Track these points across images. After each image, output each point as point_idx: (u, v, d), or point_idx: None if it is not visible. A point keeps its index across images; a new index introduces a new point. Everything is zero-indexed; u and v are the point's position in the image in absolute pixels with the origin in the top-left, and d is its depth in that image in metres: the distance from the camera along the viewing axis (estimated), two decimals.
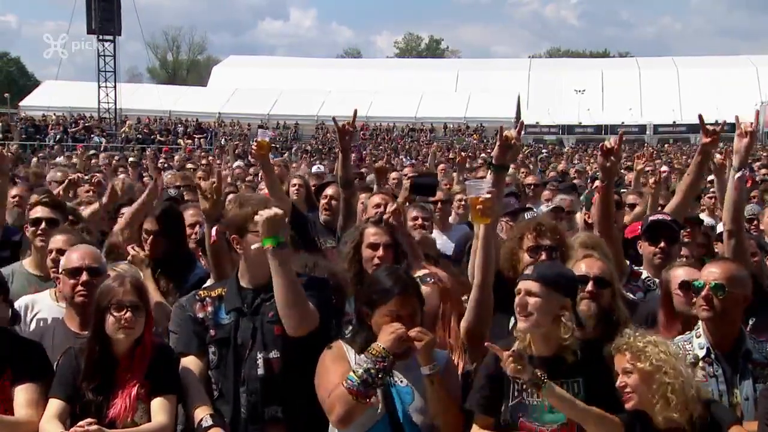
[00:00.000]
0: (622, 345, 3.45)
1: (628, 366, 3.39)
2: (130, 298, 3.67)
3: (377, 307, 3.57)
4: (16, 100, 58.70)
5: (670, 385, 3.33)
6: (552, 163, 22.60)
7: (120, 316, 3.63)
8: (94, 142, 39.27)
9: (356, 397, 3.38)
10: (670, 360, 3.38)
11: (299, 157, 30.67)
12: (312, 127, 56.69)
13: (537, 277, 3.51)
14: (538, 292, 3.48)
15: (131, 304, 3.66)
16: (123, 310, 3.63)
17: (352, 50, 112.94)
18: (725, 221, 4.91)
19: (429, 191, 7.66)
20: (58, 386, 3.69)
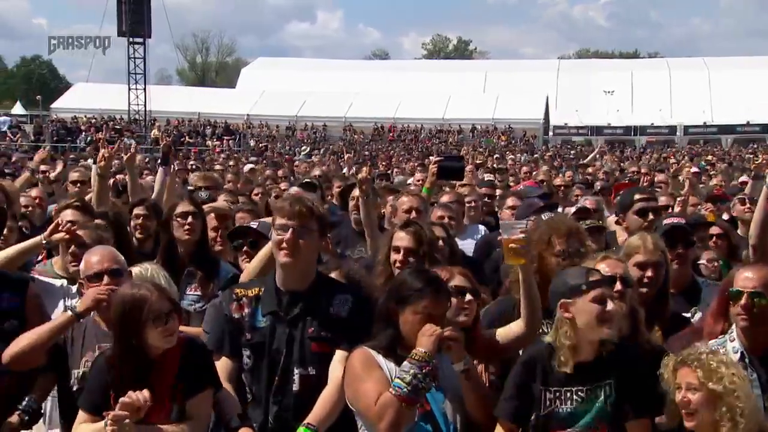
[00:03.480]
0: (692, 360, 3.37)
1: (695, 383, 3.32)
2: (166, 306, 3.62)
3: (407, 305, 3.52)
4: (48, 103, 59.31)
5: (740, 409, 3.27)
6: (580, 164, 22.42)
7: (163, 327, 3.58)
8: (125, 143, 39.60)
9: (406, 403, 3.35)
10: (742, 384, 3.32)
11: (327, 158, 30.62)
12: (340, 129, 56.76)
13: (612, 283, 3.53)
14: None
15: (168, 311, 3.61)
16: (164, 320, 3.58)
17: (379, 52, 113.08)
18: (752, 235, 4.87)
19: (456, 175, 7.56)
20: (88, 398, 3.68)
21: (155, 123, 48.66)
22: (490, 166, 17.86)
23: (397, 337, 3.53)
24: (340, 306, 3.87)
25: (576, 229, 4.37)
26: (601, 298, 3.48)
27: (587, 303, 3.49)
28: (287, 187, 9.73)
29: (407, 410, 3.36)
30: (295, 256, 3.80)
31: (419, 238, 4.65)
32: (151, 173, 12.87)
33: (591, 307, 3.48)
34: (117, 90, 52.34)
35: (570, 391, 3.51)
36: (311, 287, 3.89)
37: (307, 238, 3.82)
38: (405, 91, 62.48)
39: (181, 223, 5.32)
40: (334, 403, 3.69)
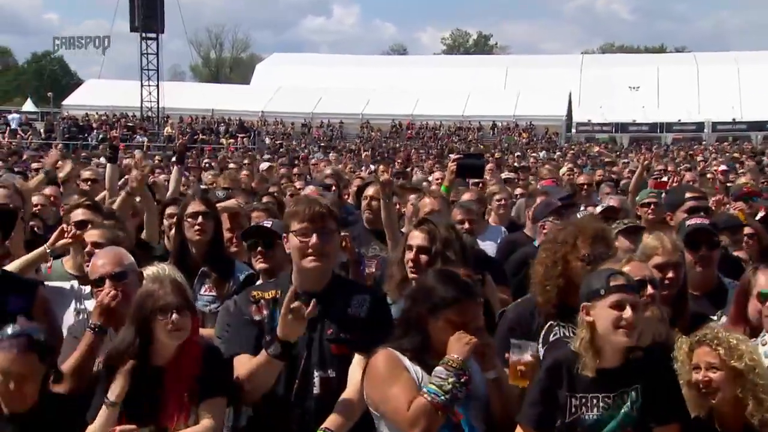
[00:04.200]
0: (710, 339, 3.38)
1: (715, 362, 3.34)
2: (174, 299, 3.62)
3: (440, 313, 3.50)
4: (59, 100, 59.74)
5: (762, 386, 3.32)
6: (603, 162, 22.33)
7: (167, 319, 3.58)
8: (137, 141, 39.84)
9: (442, 411, 3.34)
10: (761, 362, 3.38)
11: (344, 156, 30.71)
12: (357, 126, 56.82)
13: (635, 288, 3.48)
14: (638, 305, 3.46)
15: (177, 305, 3.61)
16: (169, 313, 3.59)
17: (397, 47, 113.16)
18: None
19: (476, 173, 7.57)
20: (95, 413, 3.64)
21: (168, 120, 48.91)
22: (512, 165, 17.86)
23: (425, 343, 3.52)
24: (359, 306, 3.86)
25: (602, 232, 4.33)
26: (619, 304, 3.44)
27: (605, 308, 3.47)
28: (302, 186, 9.75)
29: (441, 418, 3.36)
30: (323, 260, 3.80)
31: (432, 236, 4.65)
32: (163, 171, 12.94)
33: (608, 313, 3.45)
34: (129, 86, 52.70)
35: (596, 398, 3.49)
36: (328, 288, 3.88)
37: (330, 239, 3.82)
38: (423, 87, 62.44)
39: (192, 223, 5.33)
40: (353, 408, 3.69)
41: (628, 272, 3.88)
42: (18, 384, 3.52)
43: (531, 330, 4.25)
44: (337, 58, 77.81)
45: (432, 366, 3.46)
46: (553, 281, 4.15)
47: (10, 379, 3.51)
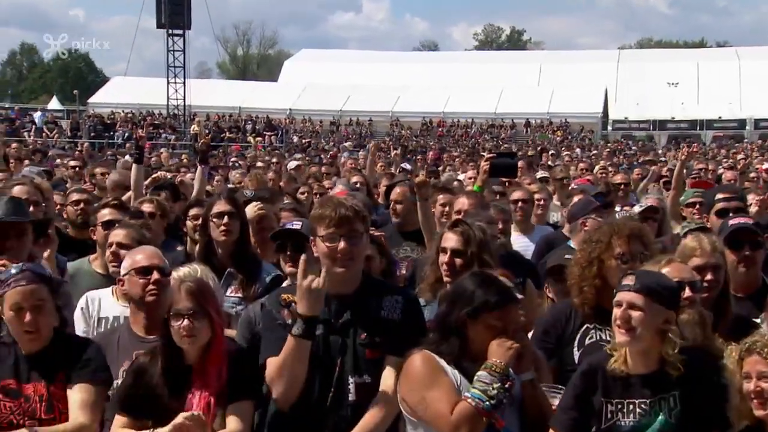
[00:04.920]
0: (761, 347, 3.32)
1: (766, 370, 3.29)
2: (187, 305, 3.70)
3: (480, 317, 3.50)
4: (85, 97, 60.37)
5: None
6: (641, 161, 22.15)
7: (178, 325, 3.68)
8: (163, 139, 40.15)
9: (486, 417, 3.35)
10: None
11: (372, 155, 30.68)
12: (386, 124, 56.83)
13: (640, 289, 3.39)
14: (641, 305, 3.37)
15: (188, 311, 3.68)
16: (180, 319, 3.68)
17: (427, 43, 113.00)
18: None
19: (509, 172, 7.55)
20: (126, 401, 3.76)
21: (195, 118, 49.20)
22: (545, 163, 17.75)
23: (465, 348, 3.52)
24: (391, 309, 3.86)
25: (639, 231, 4.30)
26: (618, 302, 3.42)
27: (614, 308, 3.46)
28: (331, 185, 9.78)
29: (484, 424, 3.36)
30: (351, 264, 3.80)
31: (467, 238, 4.63)
32: (189, 171, 13.03)
33: (614, 312, 3.45)
34: (155, 84, 53.05)
35: (632, 403, 3.47)
36: (359, 290, 3.88)
37: (358, 242, 3.81)
38: (455, 84, 62.34)
39: (217, 223, 5.34)
40: (385, 414, 3.69)
41: (667, 273, 3.86)
42: (33, 315, 3.74)
43: (566, 333, 4.24)
44: (367, 55, 77.93)
45: (470, 370, 3.46)
46: (590, 282, 4.14)
47: (24, 312, 3.73)
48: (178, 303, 3.71)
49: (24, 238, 4.64)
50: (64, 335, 4.01)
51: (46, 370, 3.81)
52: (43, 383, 3.79)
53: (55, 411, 3.76)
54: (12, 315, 3.77)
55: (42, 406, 3.76)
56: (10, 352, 3.87)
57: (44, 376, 3.80)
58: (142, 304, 4.29)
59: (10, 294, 3.78)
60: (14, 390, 3.78)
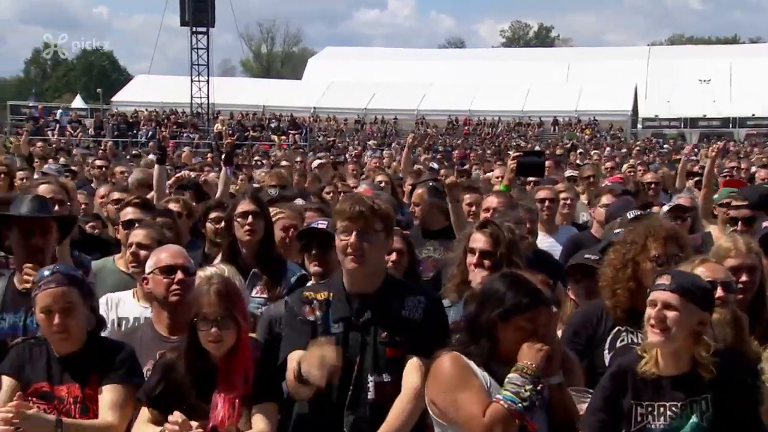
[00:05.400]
0: None
1: None
2: (216, 311, 3.70)
3: (511, 319, 3.50)
4: (108, 96, 60.83)
5: None
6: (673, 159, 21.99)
7: (206, 331, 3.69)
8: (186, 138, 40.38)
9: (518, 419, 3.35)
10: None
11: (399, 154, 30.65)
12: (412, 122, 56.78)
13: (676, 289, 3.37)
14: (677, 305, 3.36)
15: (216, 317, 3.69)
16: (209, 325, 3.68)
17: (454, 40, 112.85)
18: None
19: (537, 171, 7.53)
20: (152, 397, 3.78)
21: (218, 116, 49.42)
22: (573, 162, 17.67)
23: (495, 350, 3.52)
24: (413, 309, 3.88)
25: (675, 233, 4.27)
26: (653, 302, 3.41)
27: (647, 307, 3.45)
28: (356, 185, 9.80)
29: (516, 427, 3.36)
30: (362, 260, 3.82)
31: (496, 239, 4.61)
32: (212, 170, 13.08)
33: (646, 312, 3.43)
34: (179, 82, 53.40)
35: (663, 406, 3.45)
36: (381, 290, 3.91)
37: (372, 239, 3.82)
38: (481, 81, 62.19)
39: (242, 223, 5.36)
40: (409, 414, 3.71)
41: (701, 273, 3.85)
42: (62, 318, 3.79)
43: (596, 335, 4.23)
44: (392, 52, 77.88)
45: (499, 373, 3.46)
46: (623, 284, 4.12)
47: (53, 314, 3.79)
48: (207, 307, 3.70)
49: (48, 236, 4.66)
50: (98, 337, 4.06)
51: (79, 372, 3.86)
52: (78, 385, 3.84)
53: (89, 413, 3.81)
54: (43, 317, 3.83)
55: (76, 407, 3.81)
56: (42, 353, 3.93)
57: (78, 377, 3.85)
58: (166, 304, 4.31)
59: (40, 296, 3.84)
60: (48, 393, 3.84)
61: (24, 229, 4.60)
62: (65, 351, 3.89)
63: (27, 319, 4.47)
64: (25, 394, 3.82)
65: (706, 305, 3.45)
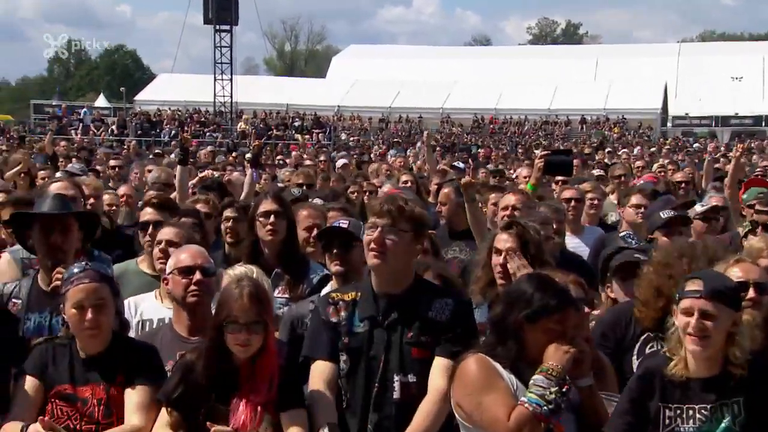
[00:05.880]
0: None
1: None
2: (248, 315, 3.69)
3: (538, 321, 3.49)
4: (131, 95, 61.26)
5: None
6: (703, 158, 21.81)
7: (236, 335, 3.67)
8: (209, 137, 40.57)
9: (544, 422, 3.35)
10: None
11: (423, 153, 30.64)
12: (437, 121, 56.70)
13: (710, 295, 3.36)
14: (713, 312, 3.35)
15: (247, 321, 3.68)
16: (240, 330, 3.67)
17: (479, 37, 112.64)
18: None
19: (565, 170, 7.50)
20: (172, 398, 3.78)
21: (242, 115, 49.62)
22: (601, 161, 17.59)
23: (522, 352, 3.51)
24: (440, 310, 3.89)
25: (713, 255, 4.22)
26: (689, 310, 3.39)
27: (679, 314, 3.44)
28: (380, 184, 9.81)
29: (542, 429, 3.36)
30: (383, 257, 3.84)
31: (523, 240, 4.60)
32: (235, 169, 13.13)
33: (680, 320, 3.42)
34: (202, 81, 53.71)
35: (692, 409, 3.44)
36: (408, 291, 3.93)
37: (397, 238, 3.84)
38: (507, 79, 62.00)
39: (264, 222, 5.38)
40: (435, 415, 3.72)
41: (735, 273, 3.82)
42: (94, 314, 3.82)
43: (625, 339, 4.21)
44: (417, 50, 77.83)
45: (525, 375, 3.46)
46: (660, 301, 4.08)
47: (85, 310, 3.81)
48: (238, 310, 3.68)
49: (69, 235, 4.67)
50: (122, 338, 4.09)
51: (104, 373, 3.88)
52: (102, 386, 3.86)
53: (113, 415, 3.83)
54: (74, 313, 3.86)
55: (100, 409, 3.83)
56: (65, 354, 3.95)
57: (103, 378, 3.87)
58: (184, 305, 4.31)
59: (72, 292, 3.86)
60: (71, 395, 3.86)
61: (44, 228, 4.62)
62: (92, 350, 3.91)
63: (52, 320, 4.51)
64: (49, 395, 3.86)
65: (737, 305, 3.45)
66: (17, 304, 4.60)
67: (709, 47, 78.37)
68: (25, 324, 4.52)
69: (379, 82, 61.67)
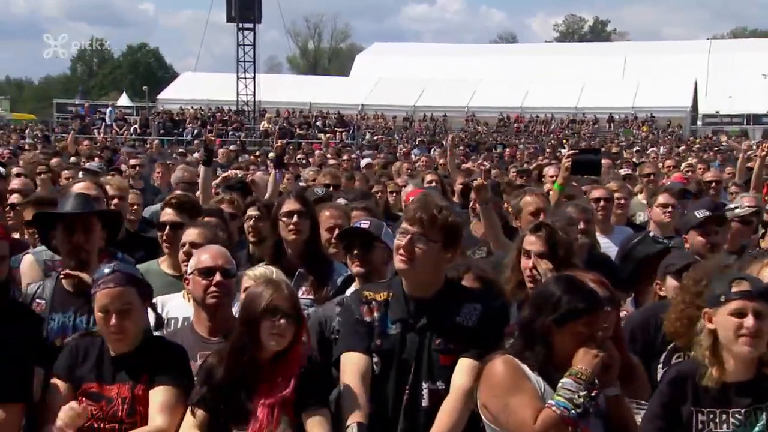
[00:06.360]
0: None
1: None
2: (286, 305, 3.73)
3: (567, 324, 3.48)
4: (154, 93, 61.63)
5: None
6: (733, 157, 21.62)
7: (275, 321, 3.69)
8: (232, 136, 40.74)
9: (572, 426, 3.34)
10: None
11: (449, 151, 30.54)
12: (462, 119, 56.65)
13: (760, 295, 3.36)
14: (765, 312, 3.34)
15: (286, 311, 3.72)
16: (278, 316, 3.69)
17: (505, 35, 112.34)
18: None
19: (593, 170, 7.44)
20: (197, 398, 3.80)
21: (265, 114, 49.79)
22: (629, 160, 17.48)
23: (550, 356, 3.50)
24: (468, 315, 3.88)
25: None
26: (740, 311, 3.36)
27: (725, 316, 3.40)
28: (404, 183, 9.80)
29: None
30: (409, 263, 3.84)
31: (553, 241, 4.57)
32: (258, 168, 13.16)
33: (729, 321, 3.38)
34: (225, 79, 53.91)
35: (726, 413, 3.41)
36: (438, 295, 3.92)
37: (426, 247, 3.83)
38: (533, 77, 61.82)
39: (287, 222, 5.39)
40: (459, 414, 3.71)
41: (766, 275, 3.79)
42: (118, 319, 3.84)
43: (654, 343, 4.17)
44: (441, 48, 77.74)
45: (553, 378, 3.44)
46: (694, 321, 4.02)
47: (111, 315, 3.84)
48: (278, 300, 3.73)
49: (92, 234, 4.68)
50: (154, 337, 4.12)
51: (131, 372, 3.90)
52: (128, 385, 3.88)
53: (136, 414, 3.85)
54: (100, 316, 3.90)
55: (124, 408, 3.85)
56: (95, 350, 3.99)
57: (129, 377, 3.89)
58: (204, 306, 4.31)
59: (98, 295, 3.90)
60: (96, 393, 3.89)
61: (67, 227, 4.64)
62: (119, 351, 3.94)
63: (76, 319, 4.54)
64: (76, 393, 3.90)
65: None
66: (41, 304, 4.62)
67: (740, 44, 77.68)
68: (49, 324, 4.54)
69: (403, 81, 61.65)
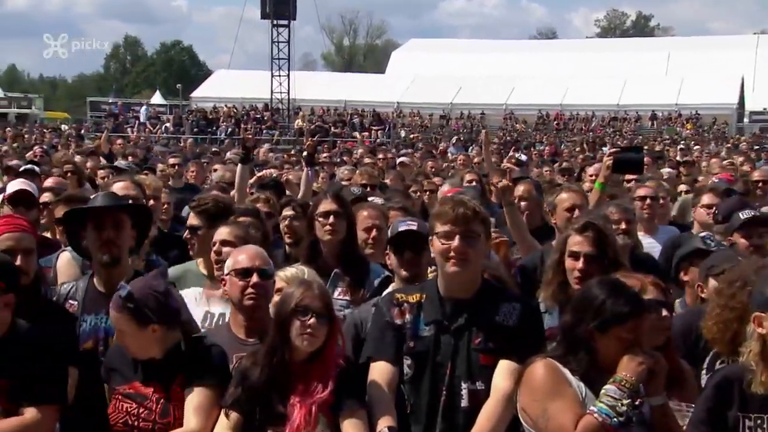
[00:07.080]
0: None
1: None
2: (317, 304, 3.76)
3: (611, 330, 3.45)
4: (188, 91, 62.09)
5: None
6: None
7: (305, 320, 3.72)
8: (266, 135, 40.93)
9: None
10: None
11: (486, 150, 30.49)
12: (500, 117, 56.42)
13: None
14: None
15: (317, 310, 3.74)
16: (308, 315, 3.72)
17: (545, 30, 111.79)
18: None
19: (635, 168, 7.39)
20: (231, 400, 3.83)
21: (299, 112, 49.95)
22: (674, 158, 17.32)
23: (594, 361, 3.49)
24: (508, 315, 3.89)
25: None
26: None
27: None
28: (441, 183, 9.79)
29: None
30: (465, 265, 3.85)
31: (601, 242, 4.52)
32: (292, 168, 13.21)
33: None
34: (259, 77, 54.18)
35: None
36: (476, 295, 3.93)
37: (475, 243, 3.86)
38: (574, 74, 61.41)
39: (323, 222, 5.41)
40: (500, 417, 3.71)
41: None
42: (120, 339, 4.04)
43: (697, 349, 4.14)
44: (479, 44, 77.57)
45: (596, 383, 3.43)
46: (728, 334, 3.98)
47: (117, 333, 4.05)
48: (308, 300, 3.76)
49: (121, 232, 4.65)
50: (194, 338, 4.15)
51: (166, 373, 3.96)
52: (163, 385, 3.94)
53: (170, 415, 3.90)
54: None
55: (158, 408, 3.91)
56: None
57: (164, 378, 3.95)
58: (241, 307, 4.33)
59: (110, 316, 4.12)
60: (132, 393, 3.96)
61: (97, 224, 4.64)
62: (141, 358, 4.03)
63: (108, 321, 4.59)
64: (114, 393, 4.01)
65: None
66: (74, 305, 4.65)
67: None
68: (81, 326, 4.57)
69: (440, 78, 61.54)
